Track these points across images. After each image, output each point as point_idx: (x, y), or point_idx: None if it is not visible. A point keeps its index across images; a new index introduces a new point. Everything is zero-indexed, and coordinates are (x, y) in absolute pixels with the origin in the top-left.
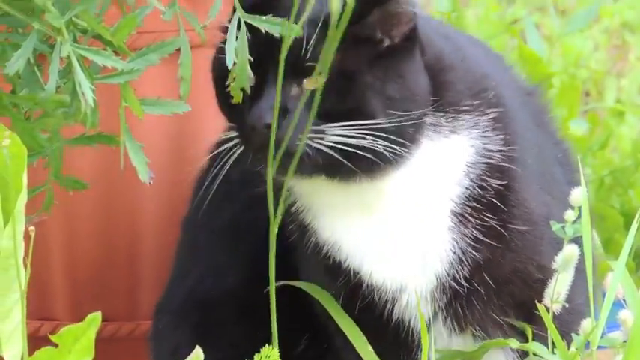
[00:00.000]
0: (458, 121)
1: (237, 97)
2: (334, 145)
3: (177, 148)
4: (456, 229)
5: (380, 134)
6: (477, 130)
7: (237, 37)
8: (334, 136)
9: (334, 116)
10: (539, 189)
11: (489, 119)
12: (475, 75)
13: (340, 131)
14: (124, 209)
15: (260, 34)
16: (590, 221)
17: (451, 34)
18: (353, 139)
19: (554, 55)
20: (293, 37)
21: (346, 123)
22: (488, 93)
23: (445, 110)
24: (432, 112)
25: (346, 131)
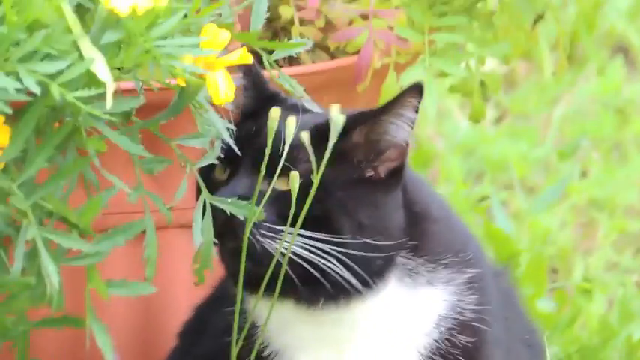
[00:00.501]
0: (436, 273)
1: (202, 279)
2: (298, 252)
3: (144, 327)
4: None
5: (345, 253)
6: (453, 286)
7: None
8: (299, 243)
9: (301, 222)
10: None
11: (466, 278)
12: (458, 234)
13: (305, 239)
14: None
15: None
16: None
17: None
18: (317, 249)
19: (521, 233)
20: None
21: (312, 233)
22: (467, 254)
23: (426, 258)
24: (411, 257)
25: (312, 241)
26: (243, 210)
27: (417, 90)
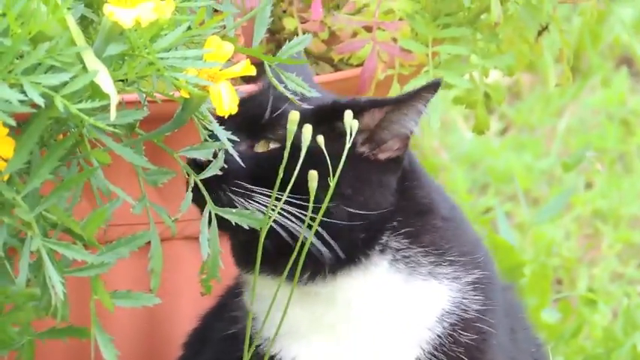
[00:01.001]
0: (440, 268)
1: (209, 290)
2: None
3: (149, 337)
4: None
5: (324, 222)
6: (459, 284)
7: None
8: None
9: (269, 182)
10: None
11: (473, 278)
12: (469, 238)
13: (285, 206)
14: None
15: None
16: None
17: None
18: (295, 215)
19: (525, 244)
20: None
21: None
22: (476, 256)
23: (427, 250)
24: (407, 243)
25: (290, 207)
26: (246, 219)
27: (435, 87)
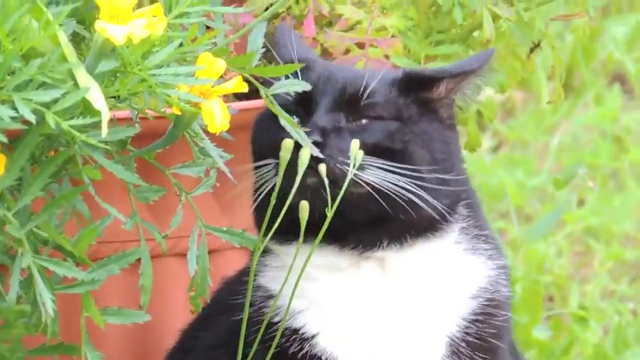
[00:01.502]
0: (480, 244)
1: (197, 307)
2: (373, 182)
3: (139, 354)
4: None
5: (421, 186)
6: (493, 264)
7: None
8: (375, 171)
9: (377, 153)
10: None
11: (503, 263)
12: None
13: (381, 166)
14: None
15: (319, 71)
16: None
17: None
18: (393, 175)
19: (517, 261)
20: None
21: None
22: (498, 243)
23: (473, 224)
24: (468, 212)
25: (387, 172)
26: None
27: (490, 57)
